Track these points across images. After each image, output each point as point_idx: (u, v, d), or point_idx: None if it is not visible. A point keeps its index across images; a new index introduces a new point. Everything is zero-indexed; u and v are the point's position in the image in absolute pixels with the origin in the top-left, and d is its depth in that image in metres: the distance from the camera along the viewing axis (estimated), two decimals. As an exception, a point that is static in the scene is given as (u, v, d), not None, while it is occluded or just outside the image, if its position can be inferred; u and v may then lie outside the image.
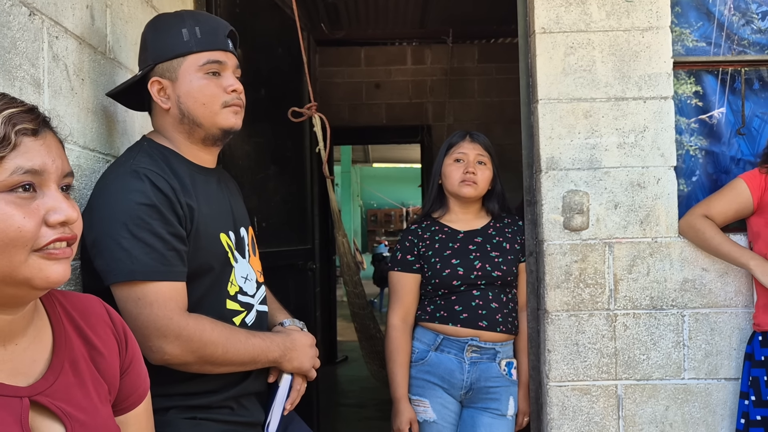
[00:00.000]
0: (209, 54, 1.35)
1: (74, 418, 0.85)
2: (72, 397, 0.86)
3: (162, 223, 1.23)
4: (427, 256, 2.03)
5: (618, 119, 2.06)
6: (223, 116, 1.36)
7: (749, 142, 2.19)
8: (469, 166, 2.03)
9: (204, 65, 1.35)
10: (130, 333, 1.01)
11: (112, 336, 0.97)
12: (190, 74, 1.34)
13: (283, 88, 2.78)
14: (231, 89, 1.37)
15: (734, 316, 2.05)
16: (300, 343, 1.43)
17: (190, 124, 1.36)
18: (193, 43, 1.34)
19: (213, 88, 1.35)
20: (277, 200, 2.75)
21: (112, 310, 1.01)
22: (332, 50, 5.58)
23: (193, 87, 1.34)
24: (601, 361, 2.03)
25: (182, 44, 1.34)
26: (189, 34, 1.34)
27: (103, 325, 0.96)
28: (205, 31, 1.36)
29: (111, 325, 0.98)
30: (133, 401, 1.00)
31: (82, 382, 0.89)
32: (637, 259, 2.05)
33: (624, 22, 2.07)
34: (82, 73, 1.37)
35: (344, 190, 13.27)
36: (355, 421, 4.29)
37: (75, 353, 0.90)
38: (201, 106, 1.35)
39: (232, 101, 1.37)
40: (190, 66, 1.34)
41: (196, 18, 1.38)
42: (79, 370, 0.89)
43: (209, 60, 1.35)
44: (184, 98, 1.34)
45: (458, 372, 1.97)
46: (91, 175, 1.39)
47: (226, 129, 1.38)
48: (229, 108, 1.37)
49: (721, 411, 2.04)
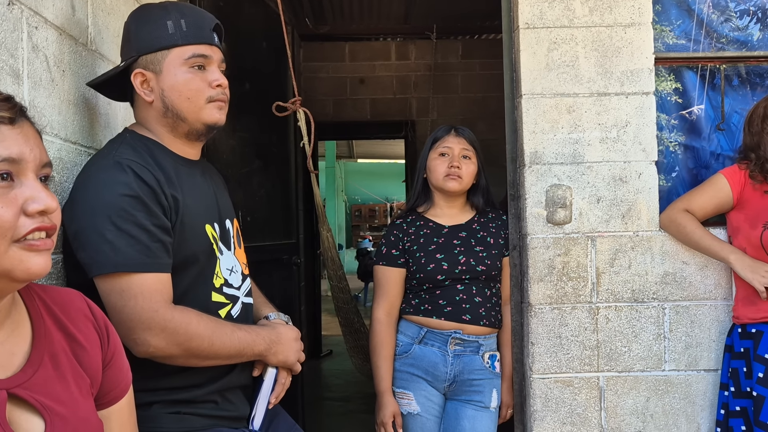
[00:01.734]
0: (194, 48, 1.33)
1: (53, 412, 0.84)
2: (51, 391, 0.86)
3: (146, 214, 1.22)
4: (411, 251, 2.04)
5: (600, 114, 2.08)
6: (208, 111, 1.35)
7: (728, 138, 2.23)
8: (454, 161, 2.04)
9: (189, 59, 1.32)
10: (111, 326, 1.01)
11: (93, 329, 0.96)
12: (174, 68, 1.32)
13: (267, 82, 2.77)
14: (216, 84, 1.35)
15: (714, 309, 2.09)
16: (285, 336, 1.43)
17: (174, 118, 1.34)
18: (178, 35, 1.32)
19: (198, 83, 1.33)
20: (262, 195, 2.74)
21: (93, 304, 1.00)
22: (317, 45, 5.56)
23: (178, 81, 1.32)
24: (583, 353, 2.06)
25: (167, 37, 1.32)
26: (174, 27, 1.32)
27: (84, 319, 0.96)
28: (190, 24, 1.33)
29: (92, 318, 0.97)
30: (115, 395, 0.99)
31: (63, 375, 0.88)
32: (619, 252, 2.07)
33: (607, 18, 2.09)
34: (62, 65, 1.35)
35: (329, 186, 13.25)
36: (339, 415, 4.30)
37: (55, 346, 0.89)
38: (185, 100, 1.33)
39: (217, 96, 1.35)
40: (174, 59, 1.32)
41: (181, 10, 1.35)
42: (59, 363, 0.89)
43: (194, 54, 1.33)
44: (168, 92, 1.32)
45: (442, 365, 1.98)
46: (72, 168, 1.38)
47: (210, 124, 1.36)
48: (214, 103, 1.35)
49: (700, 402, 2.07)
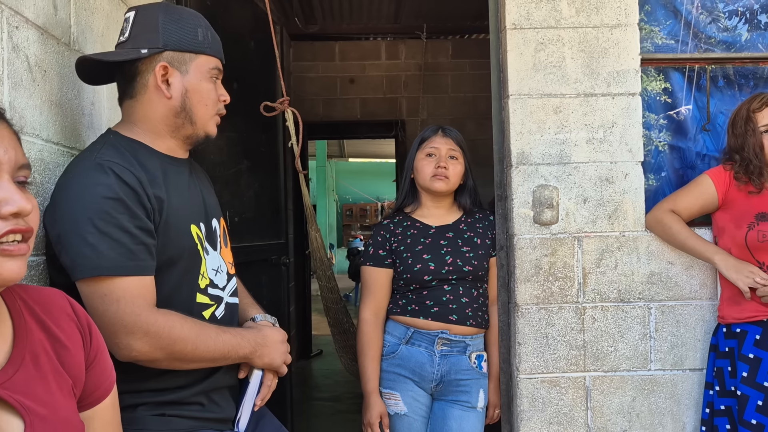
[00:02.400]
0: (217, 61, 1.42)
1: (34, 412, 0.83)
2: (32, 391, 0.85)
3: (129, 216, 1.21)
4: (398, 251, 2.04)
5: (587, 115, 2.08)
6: (212, 123, 1.42)
7: (714, 138, 2.24)
8: (441, 161, 2.04)
9: (212, 69, 1.40)
10: (94, 326, 1.00)
11: (75, 329, 0.95)
12: (200, 73, 1.38)
13: (255, 82, 2.75)
14: (223, 99, 1.43)
15: (699, 309, 2.10)
16: (271, 339, 1.42)
17: (185, 119, 1.37)
18: (207, 45, 1.39)
19: (214, 94, 1.41)
20: (250, 195, 2.73)
21: (75, 303, 0.99)
22: (306, 45, 5.55)
23: (203, 87, 1.38)
24: (570, 353, 2.06)
25: (198, 42, 1.38)
26: (202, 35, 1.39)
27: (66, 318, 0.95)
28: (213, 40, 1.42)
29: (74, 318, 0.96)
30: (98, 395, 0.98)
31: (44, 375, 0.88)
32: (605, 252, 2.08)
33: (593, 19, 2.09)
34: (44, 65, 1.34)
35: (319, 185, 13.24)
36: (329, 415, 4.29)
37: (36, 347, 0.88)
38: (204, 106, 1.39)
39: (220, 111, 1.44)
40: (201, 65, 1.38)
41: (207, 24, 1.43)
42: (41, 363, 0.88)
43: (216, 67, 1.41)
44: (192, 93, 1.37)
45: (429, 365, 1.98)
46: (54, 169, 1.37)
47: (210, 135, 1.43)
48: (216, 117, 1.43)
49: (686, 401, 2.09)
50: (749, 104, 1.97)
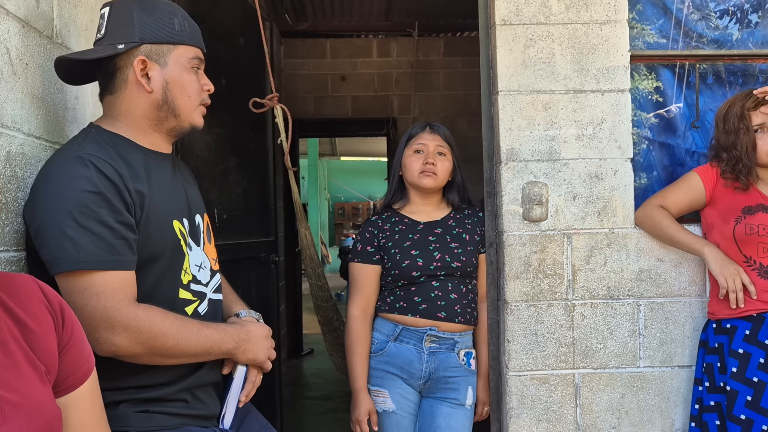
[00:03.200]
0: (197, 50, 1.39)
1: (5, 400, 0.82)
2: (3, 379, 0.84)
3: (109, 211, 1.20)
4: (387, 248, 2.03)
5: (577, 111, 2.08)
6: (197, 114, 1.40)
7: (703, 135, 2.24)
8: (429, 157, 2.03)
9: (192, 59, 1.37)
10: (67, 309, 0.98)
11: (47, 313, 0.94)
12: (180, 64, 1.35)
13: (245, 78, 2.74)
14: (206, 88, 1.41)
15: (688, 305, 2.10)
16: (255, 334, 1.41)
17: (168, 112, 1.35)
18: (185, 35, 1.37)
19: (197, 84, 1.38)
20: (239, 192, 2.71)
21: (46, 287, 0.97)
22: (297, 42, 5.53)
23: (184, 78, 1.36)
24: (559, 350, 2.06)
25: (175, 33, 1.35)
26: (180, 25, 1.36)
27: (37, 303, 0.93)
28: (192, 29, 1.39)
29: (45, 301, 0.95)
30: (75, 381, 0.97)
31: (14, 362, 0.86)
32: (594, 249, 2.08)
33: (583, 15, 2.09)
34: (26, 58, 1.32)
35: (311, 183, 13.20)
36: (319, 414, 4.28)
37: (4, 333, 0.87)
38: (186, 97, 1.37)
39: (205, 100, 1.41)
40: (180, 56, 1.35)
41: (184, 13, 1.40)
42: (10, 350, 0.87)
43: (196, 56, 1.38)
44: (173, 85, 1.34)
45: (417, 362, 1.97)
46: (36, 163, 1.35)
47: (195, 126, 1.40)
48: (201, 107, 1.41)
49: (674, 398, 2.09)
50: (744, 101, 1.95)
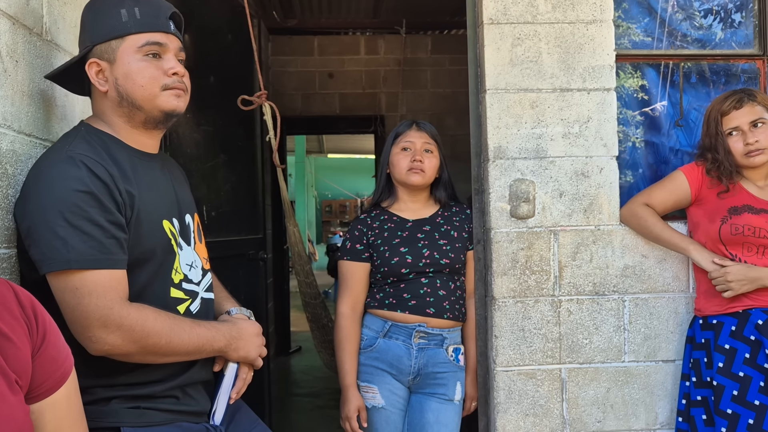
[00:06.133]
0: (149, 35, 1.31)
1: None
2: None
3: (100, 210, 1.20)
4: (376, 245, 2.04)
5: (563, 110, 2.10)
6: (164, 98, 1.33)
7: (687, 134, 2.28)
8: (416, 155, 2.05)
9: (143, 47, 1.31)
10: (40, 311, 0.94)
11: (20, 318, 0.90)
12: (128, 56, 1.31)
13: (233, 75, 2.73)
14: (172, 72, 1.33)
15: (671, 301, 2.13)
16: (246, 332, 1.41)
17: (130, 106, 1.32)
18: (132, 23, 1.30)
19: (152, 70, 1.32)
20: (227, 189, 2.72)
21: (20, 289, 0.94)
22: (285, 39, 5.51)
23: (132, 69, 1.30)
24: (546, 345, 2.09)
25: (121, 25, 1.30)
26: (128, 15, 1.30)
27: (10, 307, 0.90)
28: (145, 12, 1.32)
29: (18, 306, 0.91)
30: (49, 386, 0.93)
31: None
32: (580, 246, 2.11)
33: (569, 15, 2.11)
34: (16, 55, 1.32)
35: (298, 181, 13.17)
36: (308, 411, 4.29)
37: None
38: (139, 88, 1.31)
39: (173, 84, 1.34)
40: (128, 47, 1.31)
41: None
42: None
43: (149, 41, 1.31)
44: (122, 80, 1.31)
45: (406, 358, 1.99)
46: (27, 161, 1.35)
47: (168, 111, 1.34)
48: (170, 91, 1.33)
49: (658, 392, 2.12)
50: (720, 105, 1.99)
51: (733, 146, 1.95)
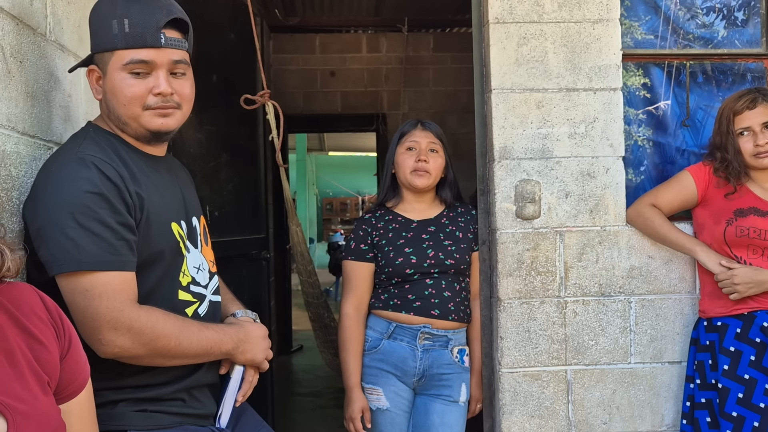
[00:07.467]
0: (134, 53, 1.24)
1: (15, 410, 0.82)
2: (11, 389, 0.84)
3: (110, 212, 1.19)
4: (380, 245, 2.03)
5: (569, 110, 2.09)
6: (146, 118, 1.28)
7: (693, 134, 2.27)
8: (421, 154, 2.03)
9: (127, 65, 1.25)
10: (65, 317, 0.98)
11: (48, 323, 0.94)
12: (115, 71, 1.26)
13: (235, 74, 2.72)
14: (156, 92, 1.26)
15: (678, 302, 2.12)
16: (253, 335, 1.41)
17: (116, 121, 1.30)
18: (119, 38, 1.24)
19: (134, 90, 1.26)
20: (230, 189, 2.71)
21: (46, 297, 0.97)
22: (287, 37, 5.50)
23: (116, 86, 1.26)
24: (551, 347, 2.08)
25: (110, 38, 1.25)
26: (117, 27, 1.24)
27: (39, 313, 0.93)
28: (134, 23, 1.24)
29: (46, 312, 0.95)
30: (74, 389, 0.97)
31: (20, 373, 0.86)
32: (586, 247, 2.10)
33: (575, 14, 2.10)
34: (20, 55, 1.31)
35: (299, 179, 13.15)
36: (309, 410, 4.28)
37: (11, 344, 0.87)
38: (122, 106, 1.27)
39: (156, 105, 1.27)
40: (115, 63, 1.26)
41: (128, 7, 1.26)
42: (16, 360, 0.87)
43: (133, 60, 1.25)
44: (109, 95, 1.28)
45: (411, 359, 1.98)
46: (31, 162, 1.33)
47: (153, 131, 1.29)
48: (152, 111, 1.28)
49: (664, 393, 2.11)
50: (734, 104, 1.97)
51: (743, 146, 1.94)
